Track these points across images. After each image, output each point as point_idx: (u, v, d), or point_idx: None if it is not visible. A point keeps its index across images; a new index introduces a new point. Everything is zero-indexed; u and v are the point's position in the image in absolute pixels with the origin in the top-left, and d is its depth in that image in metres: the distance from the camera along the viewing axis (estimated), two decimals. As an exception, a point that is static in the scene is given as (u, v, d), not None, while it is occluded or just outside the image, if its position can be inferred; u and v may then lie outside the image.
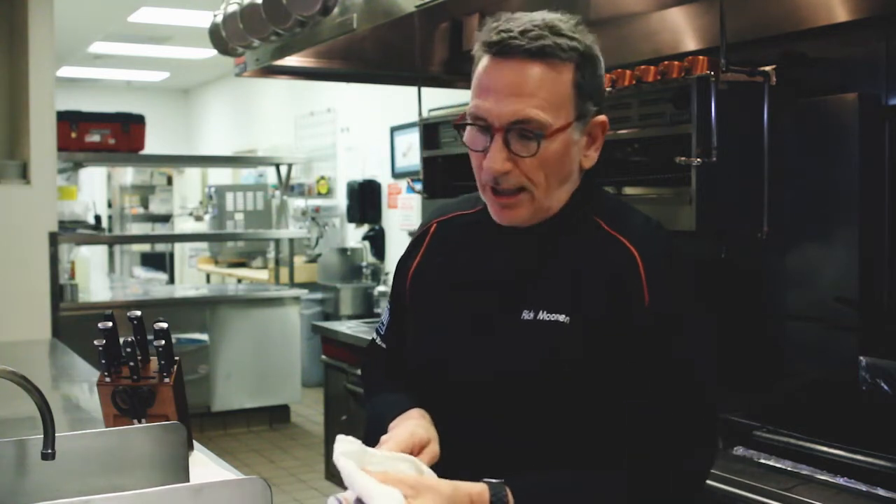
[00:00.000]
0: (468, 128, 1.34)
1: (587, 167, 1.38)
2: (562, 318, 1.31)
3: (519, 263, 1.38)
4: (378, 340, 1.57)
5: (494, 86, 1.30)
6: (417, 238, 1.53)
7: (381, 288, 6.81)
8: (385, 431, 1.34)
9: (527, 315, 1.33)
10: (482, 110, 1.31)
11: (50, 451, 1.49)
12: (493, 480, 1.24)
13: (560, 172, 1.34)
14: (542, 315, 1.32)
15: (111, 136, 6.09)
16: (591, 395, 1.30)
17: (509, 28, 1.30)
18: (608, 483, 1.28)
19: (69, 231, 5.58)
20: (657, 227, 1.40)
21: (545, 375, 1.31)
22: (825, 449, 1.84)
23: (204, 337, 6.16)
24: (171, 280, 10.58)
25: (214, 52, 3.86)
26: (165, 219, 11.16)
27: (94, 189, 10.61)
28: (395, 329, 1.53)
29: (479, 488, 1.22)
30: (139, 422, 1.86)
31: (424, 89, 3.65)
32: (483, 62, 1.33)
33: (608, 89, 2.47)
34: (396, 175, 6.89)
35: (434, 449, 1.32)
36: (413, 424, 1.34)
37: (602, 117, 1.37)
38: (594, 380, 1.30)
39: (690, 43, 2.79)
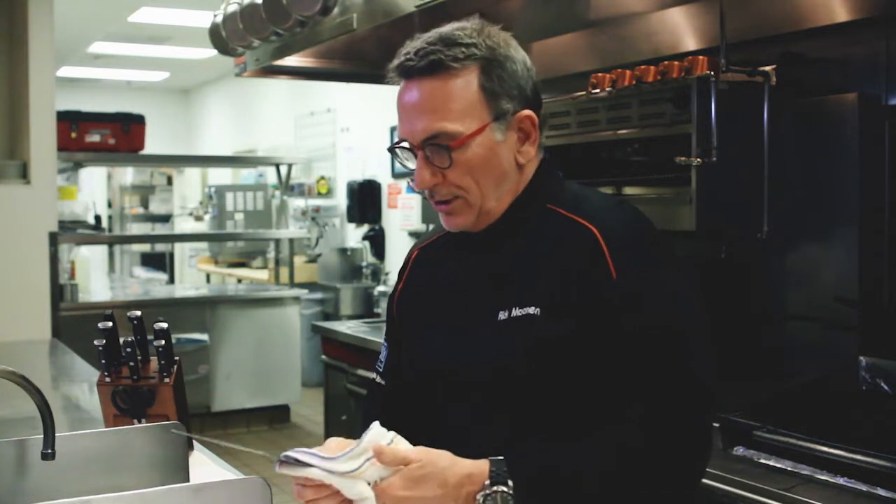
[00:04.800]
0: (400, 150, 1.40)
1: (523, 163, 1.40)
2: (532, 310, 1.33)
3: (486, 267, 1.42)
4: (378, 378, 1.60)
5: (404, 108, 1.38)
6: (402, 268, 1.61)
7: (381, 288, 6.81)
8: None
9: (502, 315, 1.36)
10: (401, 133, 1.39)
11: (50, 451, 1.49)
12: (496, 458, 1.25)
13: (490, 175, 1.37)
14: (515, 311, 1.35)
15: (111, 136, 6.08)
16: (578, 380, 1.32)
17: (408, 50, 1.38)
18: (610, 454, 1.28)
19: (69, 231, 5.57)
20: (617, 202, 1.44)
21: (528, 369, 1.33)
22: (825, 449, 1.84)
23: (204, 337, 6.16)
24: (171, 280, 10.58)
25: (214, 52, 3.86)
26: (165, 219, 11.16)
27: (94, 189, 10.60)
28: (392, 362, 1.57)
29: (479, 468, 1.24)
30: (139, 422, 1.86)
31: (424, 89, 3.64)
32: (398, 87, 1.40)
33: (608, 89, 2.47)
34: (396, 175, 6.89)
35: None
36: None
37: (526, 112, 1.38)
38: (576, 364, 1.31)
39: (690, 43, 2.79)
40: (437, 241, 1.55)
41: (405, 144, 1.38)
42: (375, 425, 1.27)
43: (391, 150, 1.42)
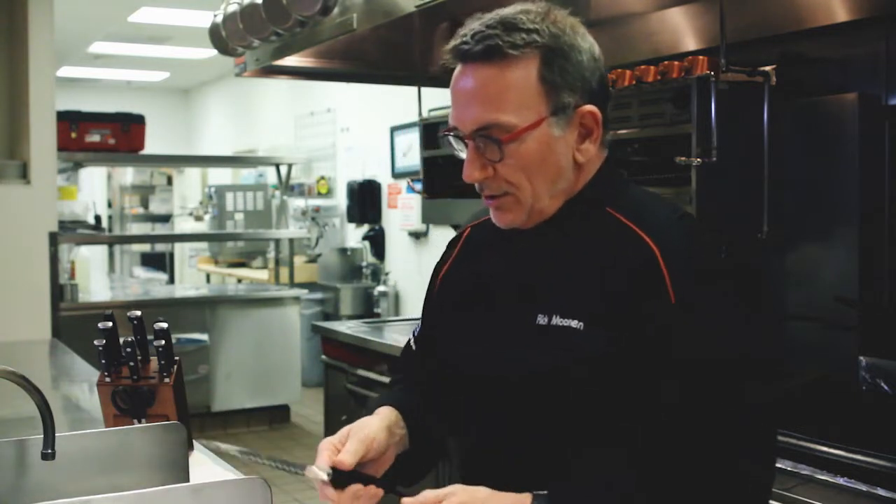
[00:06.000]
0: (452, 138, 1.31)
1: (582, 161, 1.30)
2: (574, 323, 1.25)
3: (533, 265, 1.34)
4: (411, 340, 1.56)
5: (456, 94, 1.29)
6: (452, 242, 1.52)
7: (381, 288, 6.81)
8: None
9: (541, 320, 1.29)
10: (453, 120, 1.30)
11: (50, 451, 1.49)
12: (539, 493, 1.21)
13: (544, 172, 1.27)
14: (556, 320, 1.27)
15: (111, 136, 6.09)
16: (609, 400, 1.25)
17: (465, 32, 1.27)
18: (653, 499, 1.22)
19: (69, 231, 5.58)
20: (681, 217, 1.32)
21: (557, 381, 1.26)
22: (825, 449, 1.84)
23: (204, 337, 6.16)
24: (171, 280, 10.59)
25: (214, 52, 3.86)
26: (165, 219, 11.17)
27: (94, 189, 10.61)
28: (426, 332, 1.52)
29: (520, 502, 1.20)
30: (139, 422, 1.86)
31: (424, 89, 3.65)
32: (454, 70, 1.31)
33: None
34: (396, 175, 6.89)
35: (388, 456, 1.35)
36: (373, 431, 1.33)
37: (589, 107, 1.28)
38: (612, 384, 1.24)
39: (690, 43, 2.79)
40: (487, 222, 1.42)
41: (456, 133, 1.29)
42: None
43: (441, 136, 1.35)
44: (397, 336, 3.83)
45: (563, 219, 1.32)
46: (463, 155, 1.29)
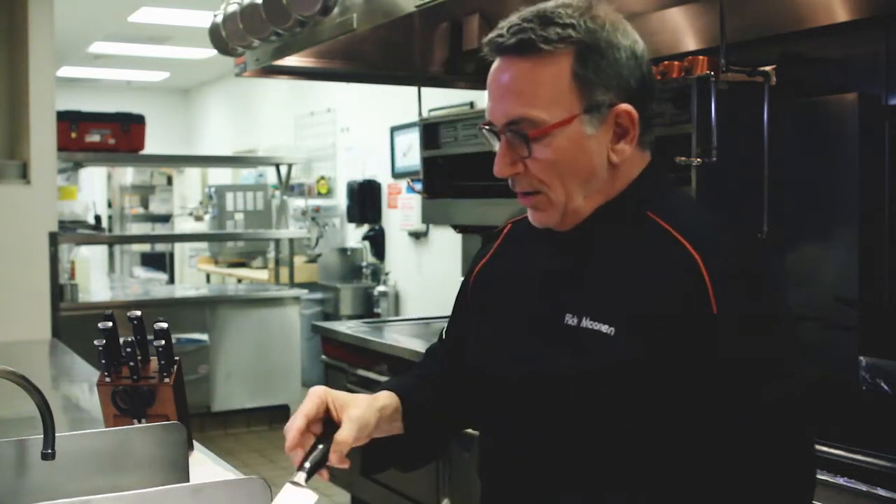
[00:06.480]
0: (487, 132, 1.28)
1: (617, 162, 1.26)
2: (605, 328, 1.21)
3: (566, 264, 1.31)
4: (443, 332, 1.55)
5: (491, 87, 1.27)
6: (491, 237, 1.50)
7: (381, 288, 6.81)
8: None
9: (570, 320, 1.25)
10: (488, 113, 1.28)
11: (50, 451, 1.49)
12: None
13: (575, 171, 1.24)
14: (585, 322, 1.23)
15: (111, 136, 6.09)
16: (634, 407, 1.20)
17: (502, 25, 1.25)
18: None
19: (69, 231, 5.58)
20: (724, 226, 1.28)
21: (581, 385, 1.23)
22: (825, 449, 1.84)
23: (204, 337, 6.16)
24: (171, 280, 10.58)
25: (214, 52, 3.86)
26: (165, 219, 11.16)
27: (94, 189, 10.61)
28: (455, 326, 1.51)
29: None
30: (139, 422, 1.86)
31: (424, 89, 3.65)
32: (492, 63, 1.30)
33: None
34: (396, 175, 6.89)
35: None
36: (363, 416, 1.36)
37: (625, 106, 1.23)
38: (638, 392, 1.19)
39: (690, 43, 2.79)
40: (526, 219, 1.38)
41: (490, 127, 1.27)
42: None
43: (478, 129, 1.30)
44: (397, 336, 3.83)
45: (600, 220, 1.28)
46: (496, 149, 1.27)
